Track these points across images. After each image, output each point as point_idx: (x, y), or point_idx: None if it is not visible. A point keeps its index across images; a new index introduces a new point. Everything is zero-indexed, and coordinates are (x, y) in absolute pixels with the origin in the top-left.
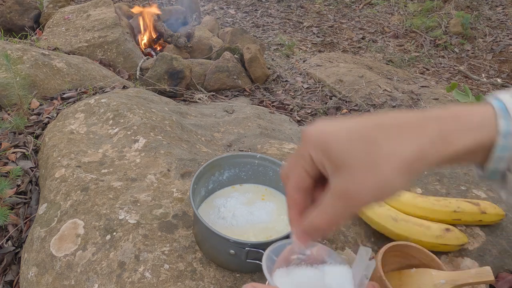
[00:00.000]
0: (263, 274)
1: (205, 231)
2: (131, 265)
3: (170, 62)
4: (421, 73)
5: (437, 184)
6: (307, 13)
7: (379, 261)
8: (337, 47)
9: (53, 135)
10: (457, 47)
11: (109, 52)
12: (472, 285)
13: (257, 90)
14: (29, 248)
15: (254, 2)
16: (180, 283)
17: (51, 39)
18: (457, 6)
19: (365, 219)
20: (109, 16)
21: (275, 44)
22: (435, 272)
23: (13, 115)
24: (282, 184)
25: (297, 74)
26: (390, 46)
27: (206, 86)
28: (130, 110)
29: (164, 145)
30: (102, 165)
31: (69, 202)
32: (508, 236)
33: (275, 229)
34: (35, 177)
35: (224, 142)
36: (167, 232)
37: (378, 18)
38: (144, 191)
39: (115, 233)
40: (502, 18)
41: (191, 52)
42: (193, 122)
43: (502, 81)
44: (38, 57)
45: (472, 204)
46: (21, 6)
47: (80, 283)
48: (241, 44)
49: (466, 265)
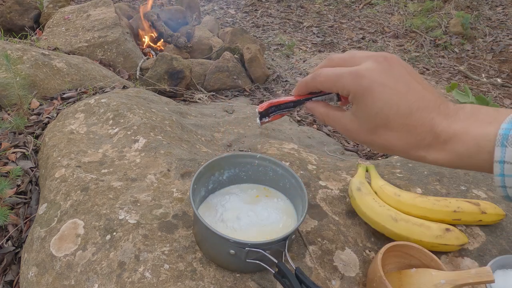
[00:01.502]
0: (263, 274)
1: (205, 231)
2: (131, 265)
3: (170, 62)
4: (421, 73)
5: (437, 184)
6: (307, 13)
7: (379, 261)
8: (337, 47)
9: (53, 135)
10: (457, 47)
11: (109, 52)
12: (472, 285)
13: (257, 90)
14: (29, 248)
15: (254, 2)
16: (180, 283)
17: (51, 39)
18: (457, 6)
19: (365, 219)
20: (109, 16)
21: (275, 44)
22: (435, 272)
23: (13, 115)
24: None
25: (297, 74)
26: (390, 46)
27: (206, 86)
28: (130, 110)
29: (164, 145)
30: (102, 165)
31: (69, 202)
32: (508, 236)
33: (275, 231)
34: (35, 177)
35: (224, 142)
36: (167, 232)
37: (378, 18)
38: (144, 191)
39: (115, 233)
40: (502, 18)
41: (191, 52)
42: (193, 122)
43: (502, 81)
44: (38, 57)
45: (472, 204)
46: (21, 6)
47: (80, 283)
48: (241, 44)
49: (466, 265)
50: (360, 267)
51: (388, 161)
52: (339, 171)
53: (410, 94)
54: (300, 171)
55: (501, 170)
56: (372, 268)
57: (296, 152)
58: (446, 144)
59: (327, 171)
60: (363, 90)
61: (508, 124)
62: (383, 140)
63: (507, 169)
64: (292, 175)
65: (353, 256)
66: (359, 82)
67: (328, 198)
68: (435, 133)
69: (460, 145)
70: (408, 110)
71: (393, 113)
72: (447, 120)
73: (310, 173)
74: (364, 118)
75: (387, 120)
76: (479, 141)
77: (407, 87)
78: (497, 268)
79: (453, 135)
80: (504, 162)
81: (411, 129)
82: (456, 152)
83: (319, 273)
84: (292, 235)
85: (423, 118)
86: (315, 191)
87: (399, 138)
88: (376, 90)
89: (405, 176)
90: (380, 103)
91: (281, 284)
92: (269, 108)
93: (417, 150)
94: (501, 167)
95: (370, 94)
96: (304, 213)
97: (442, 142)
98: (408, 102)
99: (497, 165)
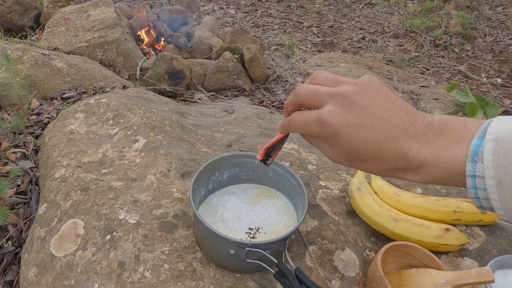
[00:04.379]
0: (263, 274)
1: (205, 231)
2: (131, 265)
3: (170, 62)
4: (421, 73)
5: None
6: (307, 13)
7: (379, 260)
8: (337, 47)
9: (53, 135)
10: (457, 47)
11: (109, 52)
12: (472, 285)
13: (257, 90)
14: (29, 248)
15: (254, 2)
16: (180, 283)
17: (51, 39)
18: (457, 6)
19: (365, 219)
20: (109, 16)
21: (275, 44)
22: (435, 272)
23: (13, 115)
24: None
25: (297, 74)
26: (390, 46)
27: (206, 86)
28: (130, 110)
29: (164, 145)
30: (102, 165)
31: (69, 202)
32: (508, 236)
33: (275, 231)
34: (35, 177)
35: (224, 142)
36: (167, 232)
37: (378, 18)
38: (144, 191)
39: (115, 233)
40: (502, 18)
41: (191, 52)
42: (193, 122)
43: (502, 81)
44: (38, 57)
45: (472, 204)
46: (21, 6)
47: (80, 283)
48: (241, 44)
49: (466, 265)
50: (360, 267)
51: None
52: (339, 171)
53: (375, 128)
54: (300, 171)
55: (473, 184)
56: (372, 268)
57: (296, 152)
58: (420, 169)
59: (327, 171)
60: (329, 135)
61: (478, 140)
62: (362, 167)
63: (479, 182)
64: (292, 175)
65: (353, 256)
66: (323, 128)
67: (328, 198)
68: (407, 159)
69: (432, 170)
70: (376, 144)
71: (362, 149)
72: (416, 143)
73: (310, 173)
74: (339, 153)
75: (359, 154)
76: (448, 166)
77: (371, 121)
78: (497, 268)
79: (424, 162)
80: (476, 176)
81: (383, 160)
82: (430, 175)
83: (319, 273)
84: (292, 235)
85: (393, 148)
86: (315, 191)
87: (375, 167)
88: (341, 133)
89: None
90: (348, 142)
91: (281, 284)
92: (267, 151)
93: (395, 173)
94: (473, 180)
95: (337, 137)
96: (304, 213)
97: (415, 167)
98: (374, 137)
99: (469, 179)
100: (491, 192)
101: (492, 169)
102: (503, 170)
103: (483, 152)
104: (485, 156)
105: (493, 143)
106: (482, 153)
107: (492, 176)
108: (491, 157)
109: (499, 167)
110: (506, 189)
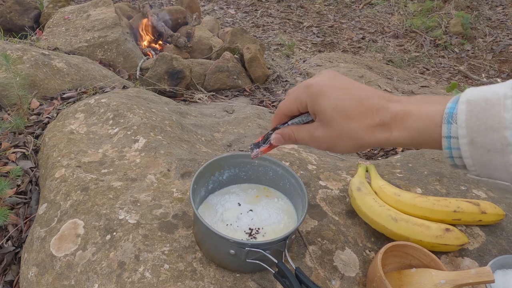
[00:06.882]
0: (263, 274)
1: (205, 231)
2: (131, 265)
3: (170, 62)
4: (421, 73)
5: (437, 184)
6: (307, 13)
7: (379, 260)
8: (337, 47)
9: (53, 135)
10: (457, 47)
11: (109, 52)
12: (472, 285)
13: (257, 90)
14: (29, 248)
15: (254, 2)
16: (180, 283)
17: (51, 39)
18: (457, 6)
19: (365, 219)
20: (109, 16)
21: (275, 44)
22: (435, 272)
23: (13, 115)
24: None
25: (297, 74)
26: (390, 46)
27: (206, 86)
28: (130, 110)
29: (164, 145)
30: (102, 165)
31: (69, 202)
32: (508, 236)
33: (276, 231)
34: (35, 177)
35: (224, 142)
36: (167, 232)
37: (378, 18)
38: (144, 191)
39: (115, 233)
40: (502, 18)
41: (191, 52)
42: (193, 122)
43: (502, 81)
44: (38, 57)
45: (472, 204)
46: (21, 6)
47: (80, 283)
48: (241, 44)
49: (466, 265)
50: (360, 267)
51: (388, 161)
52: (339, 171)
53: (356, 89)
54: (300, 171)
55: (448, 144)
56: (372, 268)
57: (296, 152)
58: (404, 120)
59: (327, 171)
60: (315, 95)
61: (452, 104)
62: (349, 129)
63: (453, 143)
64: (292, 175)
65: (353, 256)
66: (310, 90)
67: (328, 198)
68: (391, 112)
69: (416, 120)
70: (359, 99)
71: (347, 104)
72: (399, 104)
73: (310, 173)
74: (327, 120)
75: (345, 110)
76: (432, 116)
77: (352, 85)
78: (497, 268)
79: (408, 113)
80: (451, 137)
81: (368, 113)
82: (414, 128)
83: (319, 273)
84: (292, 235)
85: (376, 103)
86: (315, 191)
87: (360, 124)
88: (326, 91)
89: (405, 176)
90: (333, 100)
91: (281, 284)
92: (257, 143)
93: (380, 131)
94: (448, 141)
95: (323, 96)
96: (304, 213)
97: (400, 119)
98: (357, 95)
99: (444, 139)
100: (463, 150)
101: (465, 129)
102: (475, 129)
103: (457, 113)
104: (458, 116)
105: (466, 105)
106: (456, 115)
107: (465, 135)
108: (464, 117)
109: (472, 127)
110: (478, 147)
